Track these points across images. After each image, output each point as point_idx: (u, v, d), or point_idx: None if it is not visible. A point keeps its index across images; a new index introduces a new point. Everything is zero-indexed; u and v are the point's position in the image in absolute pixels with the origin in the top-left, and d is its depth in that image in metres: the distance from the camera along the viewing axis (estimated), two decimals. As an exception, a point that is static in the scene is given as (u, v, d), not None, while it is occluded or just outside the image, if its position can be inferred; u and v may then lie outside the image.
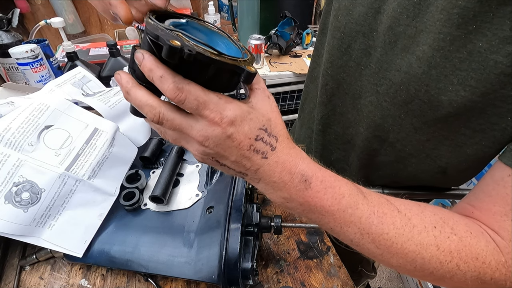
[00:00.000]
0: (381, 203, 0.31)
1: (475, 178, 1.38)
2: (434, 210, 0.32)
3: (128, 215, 0.49)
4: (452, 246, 0.29)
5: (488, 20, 0.29)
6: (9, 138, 0.42)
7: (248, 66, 0.24)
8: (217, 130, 0.23)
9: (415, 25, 0.35)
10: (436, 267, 0.30)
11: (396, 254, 0.30)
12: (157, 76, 0.22)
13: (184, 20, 0.26)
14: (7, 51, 0.78)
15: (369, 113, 0.46)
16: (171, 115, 0.24)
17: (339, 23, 0.45)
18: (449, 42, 0.32)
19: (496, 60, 0.30)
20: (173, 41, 0.20)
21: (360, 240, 0.30)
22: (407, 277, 1.42)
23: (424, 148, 0.43)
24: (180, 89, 0.22)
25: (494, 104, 0.32)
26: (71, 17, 1.66)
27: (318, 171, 0.28)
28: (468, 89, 0.33)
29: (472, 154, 0.39)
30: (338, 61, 0.48)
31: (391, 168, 0.50)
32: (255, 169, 0.26)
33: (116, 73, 0.26)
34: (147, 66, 0.22)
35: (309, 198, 0.28)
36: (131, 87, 0.24)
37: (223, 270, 0.38)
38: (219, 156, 0.26)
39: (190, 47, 0.20)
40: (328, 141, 0.57)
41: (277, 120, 0.27)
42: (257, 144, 0.25)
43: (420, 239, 0.29)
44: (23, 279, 0.46)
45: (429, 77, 0.35)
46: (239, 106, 0.24)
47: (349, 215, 0.29)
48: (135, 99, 0.25)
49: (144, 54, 0.22)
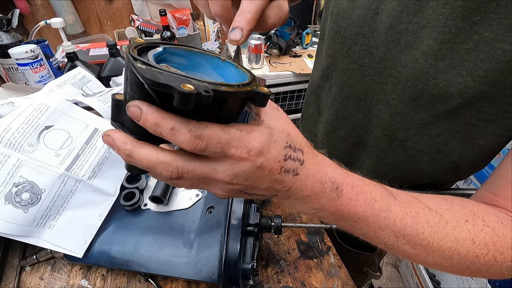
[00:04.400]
0: (411, 202, 0.30)
1: (473, 176, 1.37)
2: (462, 202, 0.32)
3: (128, 215, 0.49)
4: (487, 239, 0.29)
5: (492, 10, 0.30)
6: (9, 138, 0.42)
7: (261, 88, 0.21)
8: (246, 165, 0.21)
9: (417, 21, 0.36)
10: (473, 261, 0.30)
11: (432, 253, 0.30)
12: (166, 129, 0.19)
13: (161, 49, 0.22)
14: (7, 52, 0.78)
15: (377, 112, 0.46)
16: (191, 166, 0.21)
17: (340, 28, 0.45)
18: (454, 34, 0.33)
19: (504, 48, 0.30)
20: (185, 85, 0.17)
21: (395, 242, 0.29)
22: (407, 277, 1.42)
23: (435, 144, 0.42)
24: (199, 136, 0.19)
25: (505, 93, 0.33)
26: (71, 18, 1.66)
27: (346, 176, 0.28)
28: (478, 79, 0.33)
29: (485, 144, 0.39)
30: (340, 64, 0.48)
31: (401, 168, 0.49)
32: (287, 189, 0.25)
33: (105, 135, 0.21)
34: (150, 121, 0.18)
35: (341, 206, 0.27)
36: (131, 148, 0.21)
37: (223, 270, 0.38)
38: (249, 188, 0.24)
39: (205, 88, 0.17)
40: (333, 144, 0.57)
41: (295, 131, 0.26)
42: (286, 164, 0.23)
43: (455, 235, 0.29)
44: (23, 280, 0.46)
45: (437, 70, 0.35)
46: (261, 131, 0.22)
47: (383, 219, 0.28)
48: (141, 160, 0.21)
49: (141, 107, 0.18)
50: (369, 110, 0.47)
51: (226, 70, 0.25)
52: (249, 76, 0.23)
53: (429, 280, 1.23)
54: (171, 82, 0.17)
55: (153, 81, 0.17)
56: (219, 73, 0.26)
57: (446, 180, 0.52)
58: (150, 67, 0.18)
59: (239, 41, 0.25)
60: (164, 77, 0.17)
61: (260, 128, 0.22)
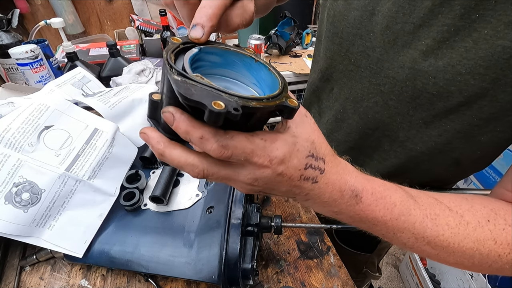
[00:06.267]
0: (431, 204, 0.31)
1: (473, 176, 1.37)
2: (483, 201, 0.33)
3: (128, 215, 0.49)
4: (509, 238, 0.30)
5: (491, 7, 0.30)
6: (9, 138, 0.42)
7: (290, 100, 0.22)
8: (266, 172, 0.23)
9: (412, 21, 0.36)
10: (495, 260, 0.30)
11: (453, 253, 0.30)
12: (196, 138, 0.20)
13: (197, 49, 0.23)
14: (7, 52, 0.78)
15: (375, 114, 0.46)
16: (216, 169, 0.23)
17: (337, 29, 0.45)
18: (453, 32, 0.33)
19: (504, 45, 0.30)
20: (216, 102, 0.18)
21: (415, 243, 0.30)
22: (407, 277, 1.42)
23: (436, 145, 0.42)
24: (225, 146, 0.20)
25: (506, 90, 0.32)
26: (71, 18, 1.66)
27: (367, 183, 0.28)
28: (478, 77, 0.33)
29: (486, 141, 0.39)
30: (339, 65, 0.48)
31: (402, 169, 0.49)
32: (305, 194, 0.26)
33: (142, 132, 0.24)
34: (182, 128, 0.20)
35: (360, 211, 0.28)
36: (164, 148, 0.23)
37: (223, 270, 0.38)
38: (268, 189, 0.25)
39: (235, 106, 0.18)
40: (332, 147, 0.57)
41: (320, 139, 0.26)
42: (306, 172, 0.24)
43: (476, 235, 0.30)
44: (23, 280, 0.46)
45: (436, 69, 0.35)
46: (285, 141, 0.23)
47: (402, 222, 0.29)
48: (172, 160, 0.23)
49: (174, 115, 0.20)
50: (365, 113, 0.47)
51: (258, 71, 0.26)
52: (280, 82, 0.23)
53: (429, 280, 1.23)
54: (203, 99, 0.18)
55: (185, 97, 0.18)
56: (252, 73, 0.26)
57: (447, 177, 0.51)
58: (185, 79, 0.19)
59: (200, 39, 0.23)
60: (196, 93, 0.18)
61: (284, 137, 0.23)
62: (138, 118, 0.61)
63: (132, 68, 0.85)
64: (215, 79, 0.26)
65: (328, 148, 0.27)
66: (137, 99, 0.62)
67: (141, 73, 0.85)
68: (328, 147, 0.27)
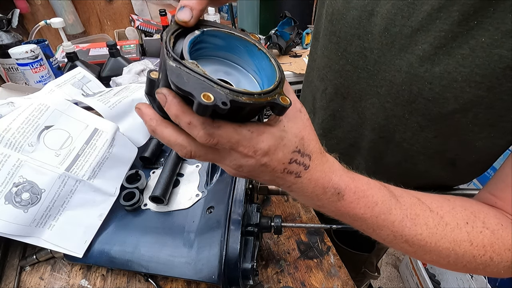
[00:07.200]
0: (413, 204, 0.32)
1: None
2: (464, 204, 0.34)
3: (128, 215, 0.49)
4: (485, 241, 0.31)
5: (489, 15, 0.29)
6: (9, 138, 0.42)
7: (282, 97, 0.22)
8: (250, 161, 0.24)
9: (410, 24, 0.35)
10: (470, 260, 0.31)
11: (429, 252, 0.31)
12: (184, 122, 0.21)
13: (199, 32, 0.23)
14: (7, 52, 0.78)
15: (372, 115, 0.46)
16: (203, 152, 0.24)
17: (335, 28, 0.45)
18: (451, 39, 0.33)
19: (501, 54, 0.30)
20: (205, 94, 0.18)
21: (393, 240, 0.31)
22: (407, 277, 1.42)
23: (431, 145, 0.43)
24: (211, 134, 0.21)
25: (502, 98, 0.32)
26: (71, 18, 1.66)
27: (351, 182, 0.29)
28: (474, 85, 0.33)
29: (482, 147, 0.39)
30: (336, 65, 0.48)
31: (398, 168, 0.49)
32: (288, 185, 0.27)
33: (137, 107, 0.25)
34: (172, 111, 0.21)
35: (341, 208, 0.29)
36: (156, 126, 0.24)
37: (223, 270, 0.38)
38: (253, 176, 0.26)
39: (224, 99, 0.18)
40: (330, 145, 0.57)
41: (310, 136, 0.27)
42: (290, 166, 0.25)
43: (453, 236, 0.31)
44: (23, 280, 0.46)
45: (433, 75, 0.35)
46: (272, 134, 0.24)
47: (382, 220, 0.30)
48: (162, 138, 0.24)
49: (167, 97, 0.21)
50: (363, 113, 0.47)
51: (260, 60, 0.26)
52: (277, 76, 0.23)
53: (429, 280, 1.23)
54: (193, 90, 0.18)
55: (176, 85, 0.18)
56: (253, 60, 0.26)
57: (445, 181, 0.52)
58: (180, 65, 0.19)
59: (188, 22, 0.22)
60: (188, 82, 0.19)
61: (272, 130, 0.24)
62: (138, 118, 0.60)
63: (132, 68, 0.85)
64: (216, 62, 0.27)
65: (318, 145, 0.28)
66: (137, 99, 0.62)
67: (141, 73, 0.85)
68: (317, 145, 0.28)
